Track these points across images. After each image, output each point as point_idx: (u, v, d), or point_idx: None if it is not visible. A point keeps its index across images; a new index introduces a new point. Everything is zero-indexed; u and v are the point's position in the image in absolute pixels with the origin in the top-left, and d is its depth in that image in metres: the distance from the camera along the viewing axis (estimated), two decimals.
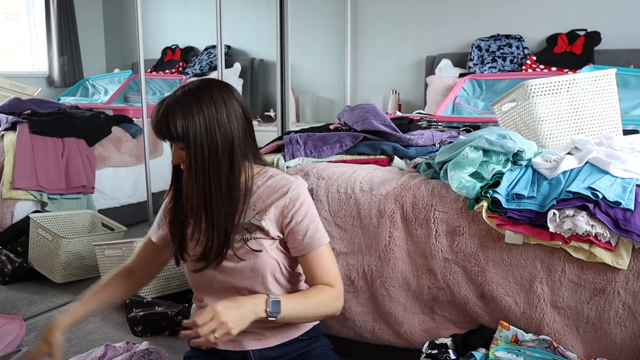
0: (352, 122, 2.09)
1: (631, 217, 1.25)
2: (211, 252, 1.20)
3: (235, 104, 1.21)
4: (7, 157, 2.65)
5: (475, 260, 1.43)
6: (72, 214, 2.72)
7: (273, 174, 1.29)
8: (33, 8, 4.31)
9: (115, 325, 2.10)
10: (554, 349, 1.31)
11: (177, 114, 1.14)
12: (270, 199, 1.24)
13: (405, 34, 3.95)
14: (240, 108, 1.22)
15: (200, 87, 1.19)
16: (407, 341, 1.55)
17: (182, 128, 1.14)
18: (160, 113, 1.16)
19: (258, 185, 1.26)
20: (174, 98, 1.17)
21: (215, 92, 1.19)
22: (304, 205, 1.23)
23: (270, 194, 1.24)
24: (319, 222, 1.25)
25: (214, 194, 1.18)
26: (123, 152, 3.22)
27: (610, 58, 3.11)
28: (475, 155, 1.45)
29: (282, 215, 1.22)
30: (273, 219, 1.22)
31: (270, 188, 1.25)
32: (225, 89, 1.21)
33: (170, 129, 1.14)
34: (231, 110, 1.19)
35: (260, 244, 1.22)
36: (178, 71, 4.54)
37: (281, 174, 1.29)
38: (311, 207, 1.26)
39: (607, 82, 1.68)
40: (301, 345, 1.30)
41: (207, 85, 1.20)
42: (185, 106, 1.15)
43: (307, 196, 1.26)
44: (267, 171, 1.30)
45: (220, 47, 2.90)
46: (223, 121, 1.17)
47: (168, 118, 1.14)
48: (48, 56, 4.37)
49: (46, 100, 3.42)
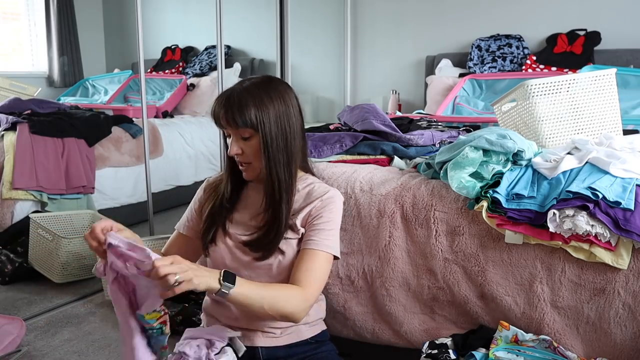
0: (352, 122, 2.09)
1: (631, 217, 1.25)
2: (270, 241, 1.21)
3: (295, 102, 1.26)
4: (7, 157, 2.65)
5: (475, 260, 1.43)
6: (72, 214, 2.72)
7: (313, 181, 1.33)
8: (33, 8, 4.31)
9: (115, 325, 2.10)
10: (554, 349, 1.31)
11: (250, 103, 1.17)
12: (306, 202, 1.27)
13: (405, 34, 3.96)
14: (298, 107, 1.27)
15: (266, 80, 1.24)
16: (407, 341, 1.55)
17: (256, 117, 1.17)
18: (232, 101, 1.18)
19: (298, 189, 1.29)
20: (244, 88, 1.20)
21: (280, 87, 1.24)
22: (333, 211, 1.26)
23: (307, 198, 1.28)
24: (335, 234, 1.27)
25: (282, 183, 1.21)
26: (123, 152, 3.22)
27: (610, 58, 3.12)
28: (475, 155, 1.45)
29: (310, 213, 1.26)
30: (302, 216, 1.25)
31: (309, 194, 1.28)
32: (287, 86, 1.27)
33: (244, 116, 1.17)
34: (294, 107, 1.24)
35: (290, 245, 1.24)
36: (178, 71, 4.54)
37: (322, 183, 1.33)
38: (337, 217, 1.28)
39: (607, 82, 1.68)
40: (308, 348, 1.30)
41: (272, 80, 1.25)
42: (257, 96, 1.19)
43: (340, 207, 1.30)
44: (307, 178, 1.34)
45: (220, 47, 2.91)
46: (290, 115, 1.22)
47: (242, 106, 1.17)
48: (48, 56, 4.37)
49: (46, 101, 3.42)
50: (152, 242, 2.21)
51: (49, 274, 2.46)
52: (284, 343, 1.29)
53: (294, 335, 1.30)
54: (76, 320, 2.16)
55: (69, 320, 2.16)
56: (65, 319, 2.17)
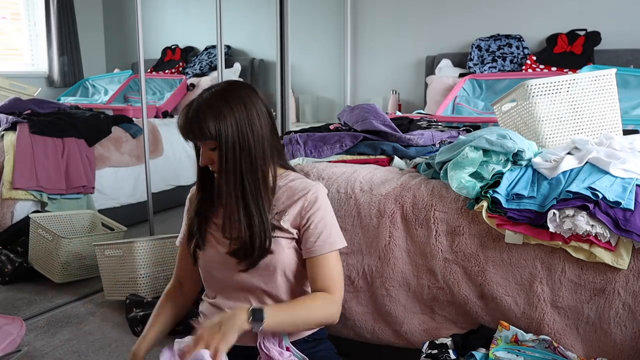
0: (352, 122, 2.09)
1: (631, 217, 1.25)
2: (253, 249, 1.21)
3: (260, 104, 1.24)
4: (7, 157, 2.65)
5: (475, 260, 1.43)
6: (72, 214, 2.72)
7: (294, 177, 1.32)
8: (33, 8, 4.31)
9: (115, 325, 2.10)
10: (554, 349, 1.31)
11: (207, 115, 1.16)
12: (290, 200, 1.26)
13: (405, 33, 3.96)
14: (264, 108, 1.25)
15: (226, 88, 1.22)
16: (407, 341, 1.55)
17: (214, 129, 1.16)
18: (191, 115, 1.18)
19: (279, 187, 1.29)
20: (203, 100, 1.19)
21: (242, 92, 1.22)
22: (321, 209, 1.26)
23: (290, 196, 1.27)
24: (333, 227, 1.28)
25: (247, 192, 1.20)
26: (123, 152, 3.22)
27: (610, 58, 3.11)
28: (475, 155, 1.45)
29: (300, 216, 1.25)
30: (291, 219, 1.25)
31: (291, 190, 1.28)
32: (250, 89, 1.25)
33: (203, 130, 1.16)
34: (258, 110, 1.22)
35: (278, 243, 1.24)
36: (178, 71, 4.54)
37: (302, 178, 1.32)
38: (328, 212, 1.28)
39: (607, 82, 1.68)
40: (306, 346, 1.30)
41: (232, 86, 1.23)
42: (215, 107, 1.17)
43: (325, 201, 1.29)
44: (288, 174, 1.33)
45: (220, 47, 2.91)
46: (253, 120, 1.20)
47: (200, 119, 1.16)
48: (48, 56, 4.37)
49: (46, 100, 3.41)
50: (152, 242, 2.21)
51: (49, 274, 2.46)
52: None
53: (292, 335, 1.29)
54: (76, 320, 2.16)
55: (69, 320, 2.16)
56: (65, 319, 2.17)
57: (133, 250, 2.17)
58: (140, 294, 2.16)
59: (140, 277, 2.17)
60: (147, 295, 2.15)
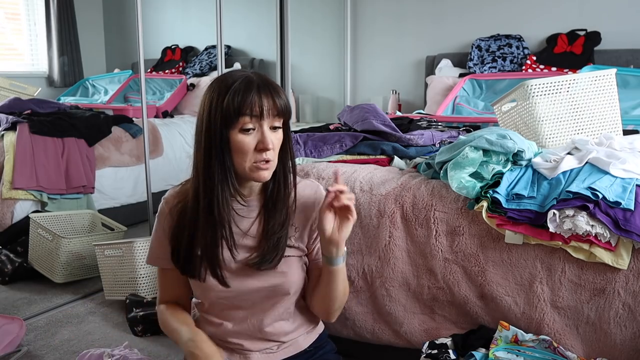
0: (352, 122, 2.09)
1: (631, 217, 1.25)
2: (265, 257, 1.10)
3: None
4: (7, 157, 2.65)
5: (475, 260, 1.43)
6: (72, 214, 2.73)
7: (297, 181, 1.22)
8: (33, 8, 4.31)
9: (115, 325, 2.10)
10: (554, 349, 1.31)
11: (280, 90, 1.07)
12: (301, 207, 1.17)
13: (405, 33, 3.95)
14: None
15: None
16: (407, 341, 1.55)
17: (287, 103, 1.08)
18: (273, 88, 1.06)
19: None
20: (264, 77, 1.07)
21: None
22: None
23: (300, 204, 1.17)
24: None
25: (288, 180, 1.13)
26: (123, 152, 3.22)
27: (610, 58, 3.11)
28: (475, 155, 1.45)
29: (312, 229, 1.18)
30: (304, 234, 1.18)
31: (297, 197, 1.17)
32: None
33: (284, 102, 1.06)
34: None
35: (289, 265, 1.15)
36: (178, 71, 4.54)
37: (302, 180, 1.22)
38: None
39: (607, 82, 1.68)
40: (307, 356, 1.26)
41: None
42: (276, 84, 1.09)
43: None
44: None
45: (220, 47, 2.90)
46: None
47: (279, 92, 1.06)
48: (48, 56, 4.37)
49: (46, 100, 3.41)
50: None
51: (49, 274, 2.46)
52: (281, 357, 1.23)
53: (292, 349, 1.24)
54: (76, 320, 2.16)
55: (69, 320, 2.16)
56: (65, 319, 2.17)
57: (133, 250, 2.17)
58: (140, 293, 2.16)
59: (140, 277, 2.17)
60: (147, 295, 2.15)
